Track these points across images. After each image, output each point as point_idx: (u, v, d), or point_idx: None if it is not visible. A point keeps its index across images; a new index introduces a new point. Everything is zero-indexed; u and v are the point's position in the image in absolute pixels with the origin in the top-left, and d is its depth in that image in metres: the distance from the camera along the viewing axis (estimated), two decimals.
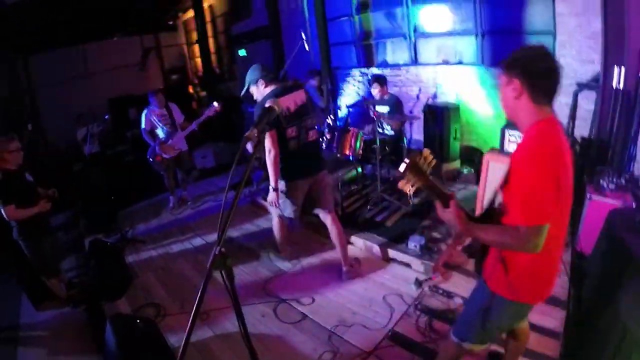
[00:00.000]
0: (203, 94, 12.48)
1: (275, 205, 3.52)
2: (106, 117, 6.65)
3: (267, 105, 1.69)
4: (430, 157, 1.64)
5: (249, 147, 3.34)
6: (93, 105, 10.24)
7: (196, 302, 1.33)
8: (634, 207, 2.98)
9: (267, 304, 3.59)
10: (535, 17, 5.31)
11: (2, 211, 3.70)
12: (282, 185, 3.48)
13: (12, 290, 4.58)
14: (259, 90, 3.45)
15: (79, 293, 4.39)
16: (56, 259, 4.43)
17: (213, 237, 5.08)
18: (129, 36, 12.26)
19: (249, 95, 3.52)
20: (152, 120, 5.76)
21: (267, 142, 3.27)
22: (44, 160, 8.14)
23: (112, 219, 5.80)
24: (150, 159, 5.80)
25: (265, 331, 3.24)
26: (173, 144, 5.79)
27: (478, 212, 4.15)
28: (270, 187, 3.45)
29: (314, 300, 3.58)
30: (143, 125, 5.77)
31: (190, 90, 13.11)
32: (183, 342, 1.28)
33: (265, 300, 3.65)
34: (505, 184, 1.63)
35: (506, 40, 5.67)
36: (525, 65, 1.57)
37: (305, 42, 5.83)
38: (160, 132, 5.81)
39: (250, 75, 3.48)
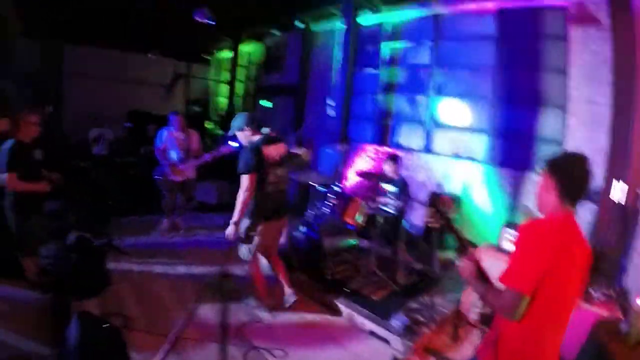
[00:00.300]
0: (219, 132, 12.73)
1: (231, 237, 3.77)
2: (126, 125, 6.74)
3: (294, 151, 1.82)
4: (451, 203, 1.88)
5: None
6: (113, 110, 10.53)
7: (182, 322, 1.32)
8: (621, 318, 3.04)
9: (238, 348, 3.50)
10: (547, 125, 5.71)
11: (4, 176, 3.78)
12: (245, 223, 3.82)
13: None
14: (245, 136, 3.90)
15: (49, 281, 4.31)
16: (38, 241, 4.37)
17: (198, 268, 5.08)
18: (163, 56, 12.73)
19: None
20: (168, 140, 5.92)
21: (245, 182, 3.68)
22: (52, 146, 8.18)
23: (103, 223, 5.79)
24: (158, 178, 5.91)
25: None
26: (183, 169, 5.92)
27: (465, 301, 4.21)
28: (232, 222, 3.74)
29: (286, 354, 3.52)
30: (158, 144, 5.92)
31: (208, 126, 13.38)
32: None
33: (237, 344, 3.55)
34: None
35: (517, 143, 6.02)
36: (561, 167, 1.80)
37: (332, 108, 6.11)
38: (173, 154, 5.93)
39: (237, 121, 3.95)
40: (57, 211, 6.24)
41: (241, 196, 3.68)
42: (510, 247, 4.07)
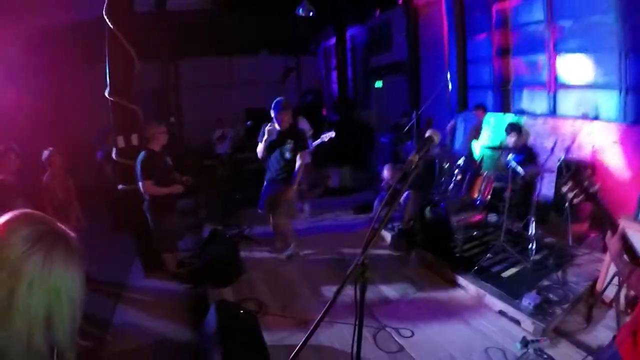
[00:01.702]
0: (335, 118, 13.09)
1: None
2: (248, 123, 7.21)
3: (428, 134, 1.84)
4: (593, 177, 1.68)
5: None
6: (232, 111, 11.39)
7: (326, 306, 1.46)
8: None
9: (367, 328, 3.58)
10: None
11: (140, 184, 4.28)
12: None
13: (127, 253, 5.24)
14: None
15: (188, 272, 4.90)
16: (175, 237, 4.93)
17: (326, 253, 5.31)
18: (272, 55, 13.48)
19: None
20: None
21: None
22: (179, 152, 9.18)
23: (233, 215, 6.28)
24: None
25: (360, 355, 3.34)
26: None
27: (601, 280, 3.88)
28: None
29: (413, 334, 3.59)
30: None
31: (324, 112, 13.82)
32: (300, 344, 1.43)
33: (366, 324, 3.69)
34: None
35: None
36: None
37: (449, 82, 5.96)
38: None
39: None
40: (190, 208, 7.05)
41: None
42: None
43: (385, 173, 6.03)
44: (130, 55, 4.54)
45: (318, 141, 6.06)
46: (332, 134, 5.97)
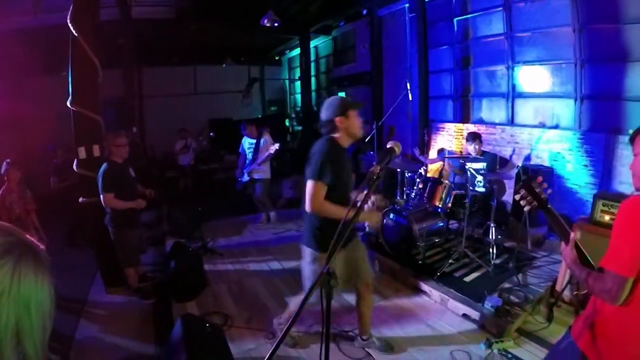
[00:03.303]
0: (298, 128, 13.11)
1: None
2: (211, 134, 7.25)
3: (389, 145, 1.82)
4: (544, 184, 1.83)
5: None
6: (195, 121, 11.27)
7: (293, 316, 1.41)
8: None
9: (333, 337, 3.57)
10: (638, 82, 5.16)
11: (102, 197, 4.10)
12: None
13: (88, 268, 5.07)
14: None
15: (150, 287, 4.75)
16: (138, 251, 4.76)
17: (291, 263, 5.21)
18: (237, 64, 13.42)
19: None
20: (245, 146, 6.73)
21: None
22: (141, 162, 8.96)
23: (195, 228, 6.14)
24: (238, 180, 6.71)
25: None
26: (248, 171, 6.65)
27: (560, 280, 4.00)
28: None
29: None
30: (240, 150, 6.73)
31: (287, 123, 13.82)
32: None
33: (331, 333, 3.58)
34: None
35: (606, 106, 5.55)
36: None
37: (409, 92, 6.06)
38: (248, 157, 6.69)
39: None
40: (152, 221, 6.87)
41: None
42: (605, 218, 3.79)
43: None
44: (94, 64, 4.36)
45: (266, 154, 6.29)
46: (277, 145, 6.20)
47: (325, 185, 2.71)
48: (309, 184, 2.73)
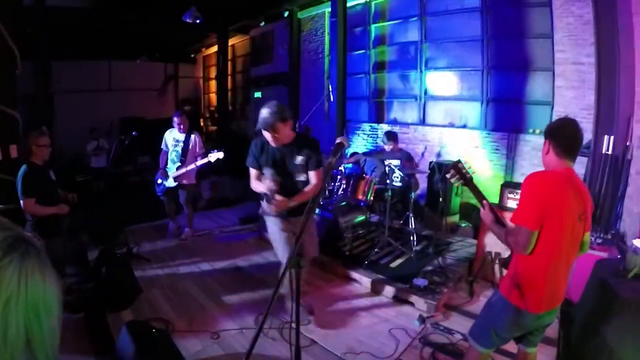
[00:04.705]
0: (213, 128, 12.86)
1: None
2: (134, 133, 6.48)
3: (338, 141, 2.07)
4: (468, 165, 2.37)
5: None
6: (107, 120, 10.67)
7: (267, 308, 1.58)
8: (619, 257, 3.37)
9: (276, 329, 3.66)
10: (536, 88, 5.99)
11: (22, 203, 3.71)
12: None
13: None
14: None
15: (77, 299, 4.33)
16: (63, 262, 4.39)
17: (220, 263, 5.26)
18: (152, 60, 12.91)
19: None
20: (168, 142, 5.76)
21: (318, 177, 3.39)
22: (51, 164, 8.25)
23: (118, 233, 5.80)
24: (157, 184, 5.80)
25: (275, 354, 3.37)
26: (176, 176, 5.67)
27: (476, 260, 4.55)
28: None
29: (321, 327, 3.73)
30: (162, 146, 5.80)
31: (201, 123, 13.52)
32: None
33: (275, 327, 3.70)
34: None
35: (508, 108, 6.33)
36: (553, 130, 2.18)
37: (331, 93, 6.31)
38: (174, 158, 5.69)
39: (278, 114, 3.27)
40: (68, 229, 6.31)
41: (313, 190, 3.39)
42: (510, 204, 4.45)
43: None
44: (12, 54, 3.97)
45: (204, 161, 5.44)
46: (221, 154, 5.37)
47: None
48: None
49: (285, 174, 3.45)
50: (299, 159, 3.42)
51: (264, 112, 3.26)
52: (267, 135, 3.33)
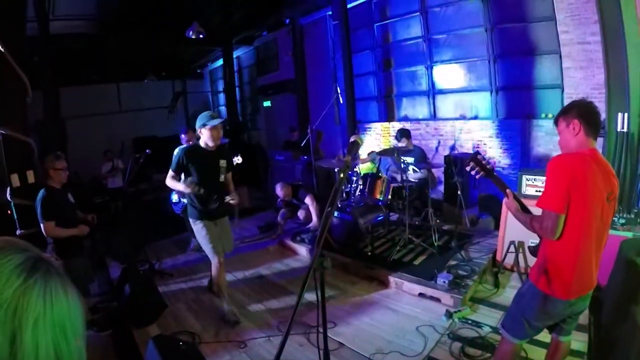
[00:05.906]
0: (225, 141, 12.94)
1: None
2: (148, 151, 6.50)
3: (352, 139, 2.07)
4: (487, 157, 2.23)
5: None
6: (119, 141, 10.76)
7: (292, 313, 1.59)
8: None
9: (303, 335, 3.65)
10: (544, 72, 5.90)
11: (42, 226, 3.77)
12: None
13: None
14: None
15: (102, 318, 4.41)
16: (86, 281, 4.46)
17: (242, 273, 5.29)
18: (159, 79, 13.04)
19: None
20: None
21: None
22: (68, 187, 8.35)
23: (139, 251, 5.85)
24: (173, 202, 5.85)
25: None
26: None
27: (499, 250, 4.48)
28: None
29: (348, 329, 3.73)
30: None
31: None
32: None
33: (301, 332, 3.69)
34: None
35: (519, 95, 6.26)
36: (582, 110, 2.13)
37: (340, 95, 6.30)
38: None
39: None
40: (88, 249, 6.37)
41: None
42: (530, 190, 4.35)
43: (278, 191, 6.29)
44: (22, 82, 4.04)
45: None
46: (239, 158, 5.62)
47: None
48: None
49: None
50: None
51: None
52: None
